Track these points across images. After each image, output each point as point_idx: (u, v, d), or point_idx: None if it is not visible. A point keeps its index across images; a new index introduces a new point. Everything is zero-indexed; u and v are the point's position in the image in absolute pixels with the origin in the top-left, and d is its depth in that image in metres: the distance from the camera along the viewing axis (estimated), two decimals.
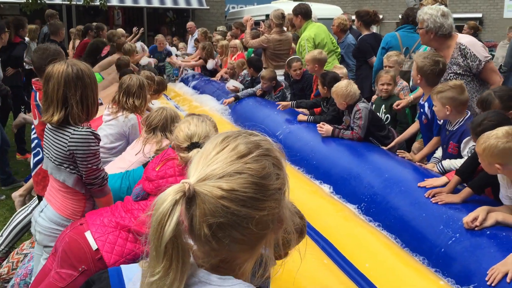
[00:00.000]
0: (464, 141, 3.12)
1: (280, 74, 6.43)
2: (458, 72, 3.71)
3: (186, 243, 0.94)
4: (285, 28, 7.36)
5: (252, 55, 7.81)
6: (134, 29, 9.64)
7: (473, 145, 3.02)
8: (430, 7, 3.90)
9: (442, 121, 3.40)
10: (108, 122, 3.91)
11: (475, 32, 9.66)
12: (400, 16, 6.37)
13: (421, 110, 3.77)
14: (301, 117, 4.87)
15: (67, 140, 2.37)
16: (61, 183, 2.47)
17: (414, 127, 4.01)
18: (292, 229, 1.05)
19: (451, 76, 3.71)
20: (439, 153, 3.50)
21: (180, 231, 0.91)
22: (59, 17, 11.31)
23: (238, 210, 0.91)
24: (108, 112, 3.97)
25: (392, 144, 3.99)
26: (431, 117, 3.61)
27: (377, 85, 4.60)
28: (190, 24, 10.83)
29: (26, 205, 4.02)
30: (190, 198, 0.92)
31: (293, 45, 7.20)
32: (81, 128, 2.40)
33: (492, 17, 16.78)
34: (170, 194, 0.90)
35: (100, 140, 2.48)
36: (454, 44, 3.75)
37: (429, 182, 3.01)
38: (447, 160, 3.20)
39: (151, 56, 9.74)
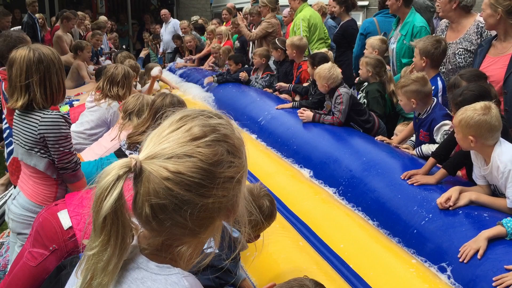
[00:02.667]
0: (435, 128, 3.16)
1: None
2: (468, 48, 3.72)
3: (129, 220, 0.91)
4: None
5: (236, 41, 7.79)
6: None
7: (445, 131, 3.07)
8: None
9: None
10: (91, 109, 3.92)
11: None
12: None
13: None
14: (284, 105, 4.86)
15: (37, 124, 2.35)
16: (32, 168, 2.46)
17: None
18: (245, 220, 1.01)
19: (460, 50, 3.73)
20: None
21: (121, 206, 0.88)
22: (42, 5, 11.13)
23: (181, 194, 0.88)
24: (91, 99, 3.97)
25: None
26: None
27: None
28: (164, 11, 10.63)
29: (3, 193, 4.00)
30: (137, 174, 0.89)
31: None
32: (51, 112, 2.38)
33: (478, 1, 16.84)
34: (114, 168, 0.88)
35: (70, 123, 2.46)
36: (471, 21, 3.75)
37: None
38: (426, 145, 3.23)
39: None
